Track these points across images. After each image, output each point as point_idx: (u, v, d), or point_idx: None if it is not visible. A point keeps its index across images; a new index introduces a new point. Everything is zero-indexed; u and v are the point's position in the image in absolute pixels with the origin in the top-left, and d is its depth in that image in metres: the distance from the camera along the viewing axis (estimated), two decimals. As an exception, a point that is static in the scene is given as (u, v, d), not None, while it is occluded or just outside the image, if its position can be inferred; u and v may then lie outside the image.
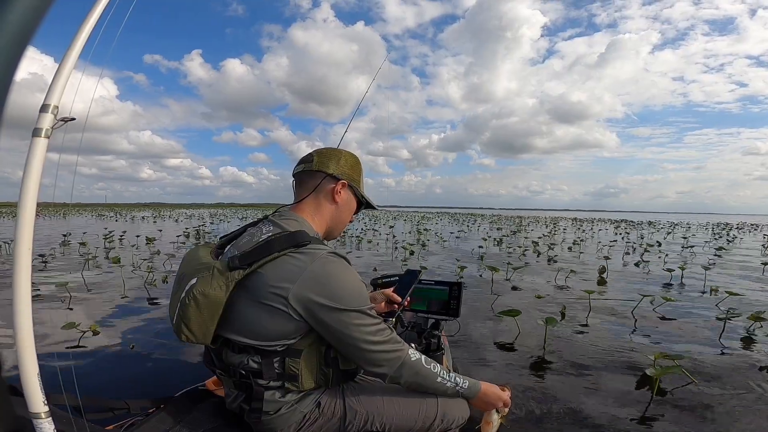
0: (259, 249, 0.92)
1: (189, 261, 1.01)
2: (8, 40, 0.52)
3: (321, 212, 1.10)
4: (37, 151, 0.65)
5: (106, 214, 42.86)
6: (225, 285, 0.88)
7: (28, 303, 0.66)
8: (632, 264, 8.24)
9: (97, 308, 4.19)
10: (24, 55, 0.55)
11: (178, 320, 0.91)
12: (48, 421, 0.68)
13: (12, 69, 0.54)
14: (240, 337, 0.94)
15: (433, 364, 1.06)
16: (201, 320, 0.89)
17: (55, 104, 0.66)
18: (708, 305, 4.70)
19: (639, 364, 2.80)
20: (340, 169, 1.10)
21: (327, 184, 1.09)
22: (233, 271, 0.89)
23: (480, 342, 3.30)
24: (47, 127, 0.65)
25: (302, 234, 0.96)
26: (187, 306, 0.89)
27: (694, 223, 35.25)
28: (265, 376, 0.96)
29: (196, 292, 0.88)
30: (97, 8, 0.70)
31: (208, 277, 0.89)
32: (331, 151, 1.13)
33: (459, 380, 1.09)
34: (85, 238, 11.46)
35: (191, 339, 0.91)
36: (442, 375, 1.06)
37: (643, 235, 17.19)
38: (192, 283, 0.90)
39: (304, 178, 1.10)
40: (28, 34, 0.55)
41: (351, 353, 0.98)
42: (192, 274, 0.93)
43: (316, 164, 1.09)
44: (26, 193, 0.64)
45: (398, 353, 1.00)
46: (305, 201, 1.09)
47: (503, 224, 27.32)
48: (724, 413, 2.16)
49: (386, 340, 0.98)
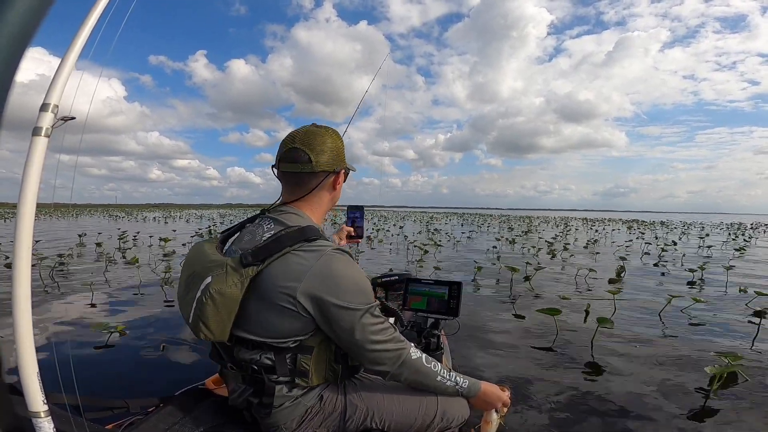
0: (271, 245, 0.92)
1: (197, 258, 0.98)
2: (8, 40, 0.52)
3: (321, 203, 1.09)
4: (37, 150, 0.64)
5: (117, 214, 43.40)
6: (240, 282, 0.88)
7: (28, 302, 0.66)
8: (651, 264, 8.13)
9: (112, 307, 4.23)
10: (24, 56, 0.54)
11: (195, 319, 0.91)
12: (47, 420, 0.67)
13: (12, 69, 0.53)
14: (253, 336, 0.95)
15: (434, 363, 1.07)
16: (219, 318, 0.89)
17: (55, 103, 0.66)
18: (737, 305, 4.62)
19: (687, 363, 2.78)
20: (336, 161, 1.06)
21: (329, 180, 1.07)
22: (247, 268, 0.89)
23: (514, 342, 3.27)
24: (47, 126, 0.65)
25: (312, 229, 0.96)
26: (204, 305, 0.88)
27: (706, 223, 34.76)
28: (278, 372, 0.97)
29: (213, 291, 0.87)
30: (97, 7, 0.70)
31: (222, 275, 0.89)
32: (320, 142, 1.03)
33: (459, 379, 1.10)
34: (100, 238, 11.58)
35: (209, 337, 0.91)
36: (443, 374, 1.07)
37: (658, 236, 16.95)
38: (208, 282, 0.89)
39: (305, 179, 1.04)
40: (28, 34, 0.54)
41: (353, 351, 0.98)
42: (204, 272, 0.92)
43: (317, 164, 1.02)
44: (26, 192, 0.64)
45: (399, 351, 1.00)
46: (305, 198, 1.06)
47: (513, 224, 27.14)
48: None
49: (389, 339, 0.99)
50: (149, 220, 27.96)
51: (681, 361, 2.89)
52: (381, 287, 2.34)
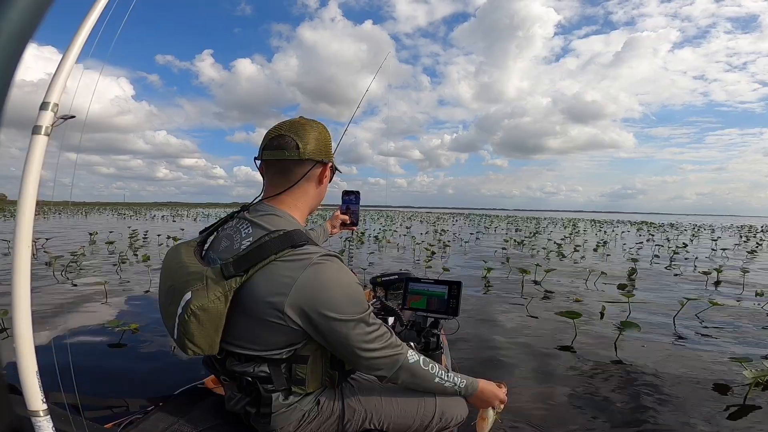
0: (254, 253, 0.86)
1: (174, 268, 0.92)
2: (8, 39, 0.52)
3: (305, 199, 1.03)
4: (37, 148, 0.65)
5: (125, 212, 43.79)
6: (223, 295, 0.83)
7: (27, 301, 0.65)
8: (663, 267, 8.04)
9: (125, 305, 4.26)
10: (24, 54, 0.54)
11: (181, 337, 0.86)
12: (46, 419, 0.67)
13: (12, 68, 0.53)
14: (244, 350, 0.92)
15: (432, 364, 1.05)
16: (205, 334, 0.85)
17: (54, 102, 0.66)
18: (757, 308, 4.56)
19: (708, 368, 2.75)
20: (324, 151, 1.01)
21: (316, 170, 1.01)
22: (229, 280, 0.84)
23: (530, 342, 3.24)
24: (47, 125, 0.65)
25: (298, 234, 0.90)
26: (187, 323, 0.84)
27: (716, 226, 34.33)
28: (274, 383, 0.95)
29: (195, 308, 0.82)
30: (97, 7, 0.70)
31: (203, 290, 0.83)
32: (308, 130, 0.99)
33: (457, 379, 1.08)
34: (110, 237, 11.68)
35: (198, 353, 0.87)
36: (440, 375, 1.05)
37: (669, 238, 16.77)
38: (187, 299, 0.84)
39: (289, 167, 0.98)
40: (28, 33, 0.54)
41: (349, 359, 0.95)
42: (183, 286, 0.86)
43: (304, 152, 0.96)
44: (26, 191, 0.64)
45: (396, 357, 0.98)
46: (289, 191, 0.99)
47: (520, 225, 27.00)
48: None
49: (385, 346, 0.96)
50: (157, 219, 28.18)
51: (708, 363, 2.86)
52: (381, 287, 2.35)
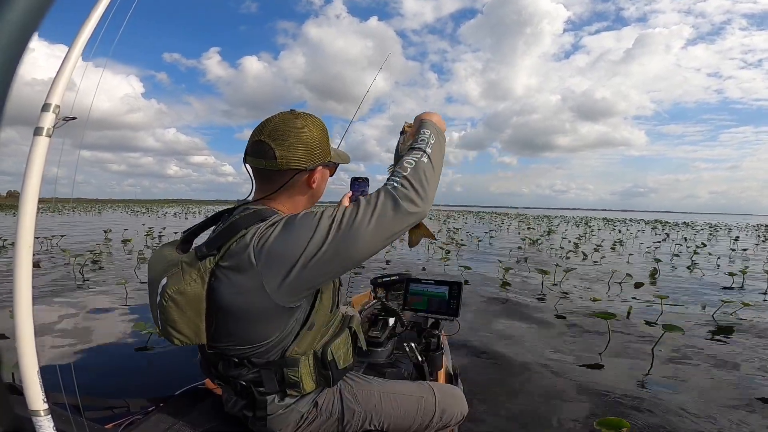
0: (225, 231, 0.85)
1: (155, 263, 0.91)
2: (9, 39, 0.52)
3: (294, 203, 0.97)
4: (38, 149, 0.65)
5: (137, 210, 44.38)
6: (200, 277, 0.81)
7: (29, 300, 0.66)
8: (683, 267, 7.88)
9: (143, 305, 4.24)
10: (24, 54, 0.54)
11: (164, 325, 0.85)
12: (47, 419, 0.67)
13: (12, 68, 0.53)
14: (235, 349, 0.91)
15: (404, 164, 0.84)
16: (187, 320, 0.83)
17: (56, 103, 0.66)
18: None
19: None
20: (310, 157, 0.91)
21: (299, 178, 0.93)
22: (204, 260, 0.82)
23: (559, 342, 3.16)
24: (48, 126, 0.65)
25: (269, 211, 0.88)
26: (166, 308, 0.82)
27: (732, 224, 33.72)
28: (266, 388, 0.93)
29: (171, 291, 0.81)
30: (98, 7, 0.70)
31: (178, 273, 0.82)
32: (292, 133, 0.89)
33: (423, 144, 0.89)
34: (125, 234, 11.80)
35: (185, 341, 0.85)
36: (416, 157, 0.85)
37: (686, 237, 16.48)
38: (163, 284, 0.83)
39: (269, 175, 0.92)
40: (29, 33, 0.54)
41: (358, 255, 0.79)
42: (160, 275, 0.85)
43: (282, 162, 0.88)
44: (27, 192, 0.64)
45: (387, 202, 0.79)
46: (274, 197, 0.94)
47: (531, 223, 26.77)
48: None
49: (368, 212, 0.78)
50: (169, 216, 28.51)
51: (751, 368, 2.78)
52: (381, 287, 2.33)
